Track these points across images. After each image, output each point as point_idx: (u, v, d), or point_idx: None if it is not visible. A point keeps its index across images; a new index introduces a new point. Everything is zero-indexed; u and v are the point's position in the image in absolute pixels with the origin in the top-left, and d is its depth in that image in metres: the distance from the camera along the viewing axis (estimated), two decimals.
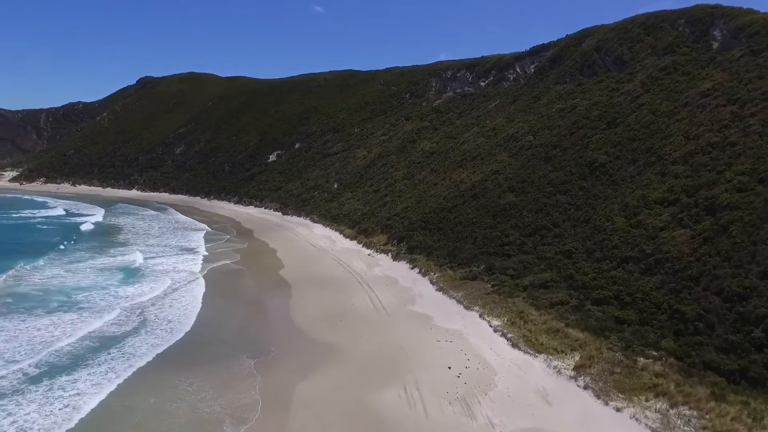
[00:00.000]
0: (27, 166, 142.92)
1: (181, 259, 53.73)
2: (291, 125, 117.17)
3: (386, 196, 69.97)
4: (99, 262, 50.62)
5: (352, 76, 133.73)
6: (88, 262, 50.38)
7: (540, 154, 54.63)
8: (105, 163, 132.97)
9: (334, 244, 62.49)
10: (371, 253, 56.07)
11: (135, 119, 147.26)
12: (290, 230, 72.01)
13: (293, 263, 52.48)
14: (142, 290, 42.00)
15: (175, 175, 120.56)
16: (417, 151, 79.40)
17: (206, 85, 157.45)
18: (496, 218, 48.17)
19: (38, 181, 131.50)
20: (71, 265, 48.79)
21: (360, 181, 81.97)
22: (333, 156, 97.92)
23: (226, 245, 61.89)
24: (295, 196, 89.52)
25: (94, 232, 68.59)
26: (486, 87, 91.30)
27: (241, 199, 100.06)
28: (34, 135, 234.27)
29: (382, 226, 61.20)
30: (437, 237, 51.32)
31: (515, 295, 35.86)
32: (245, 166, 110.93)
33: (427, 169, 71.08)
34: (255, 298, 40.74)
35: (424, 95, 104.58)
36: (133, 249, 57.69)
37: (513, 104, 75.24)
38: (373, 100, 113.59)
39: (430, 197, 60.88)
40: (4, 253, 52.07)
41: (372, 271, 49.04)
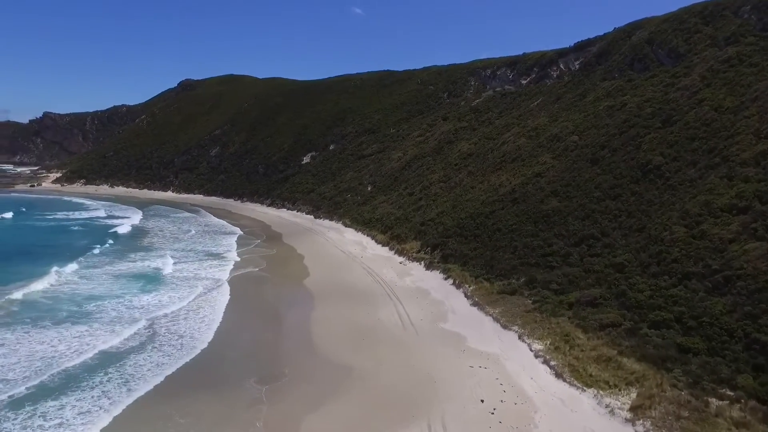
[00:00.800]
0: (69, 168, 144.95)
1: (205, 265, 51.54)
2: (326, 126, 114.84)
3: (421, 200, 66.50)
4: (118, 268, 48.80)
5: (389, 76, 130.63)
6: (106, 268, 48.67)
7: (586, 155, 50.26)
8: (142, 164, 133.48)
9: (365, 250, 59.36)
10: (403, 261, 52.70)
11: (172, 121, 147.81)
12: (320, 234, 69.27)
13: (320, 271, 49.57)
14: (159, 300, 39.78)
15: (210, 177, 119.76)
16: (454, 153, 75.65)
17: (243, 86, 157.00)
18: (538, 225, 44.12)
19: (78, 183, 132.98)
20: (87, 271, 47.17)
21: (394, 183, 78.71)
22: (367, 158, 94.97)
23: (253, 251, 59.52)
24: (328, 198, 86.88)
25: (122, 235, 67.24)
26: (527, 85, 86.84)
27: (274, 202, 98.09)
28: (81, 138, 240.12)
29: (415, 231, 57.77)
30: (473, 245, 47.58)
31: (559, 314, 31.91)
32: (279, 167, 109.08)
33: (464, 171, 67.29)
34: (275, 311, 37.89)
35: (463, 94, 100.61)
36: (158, 254, 55.87)
37: (556, 102, 70.72)
38: (409, 100, 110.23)
39: (467, 201, 57.13)
40: (26, 258, 50.96)
41: (403, 281, 45.66)
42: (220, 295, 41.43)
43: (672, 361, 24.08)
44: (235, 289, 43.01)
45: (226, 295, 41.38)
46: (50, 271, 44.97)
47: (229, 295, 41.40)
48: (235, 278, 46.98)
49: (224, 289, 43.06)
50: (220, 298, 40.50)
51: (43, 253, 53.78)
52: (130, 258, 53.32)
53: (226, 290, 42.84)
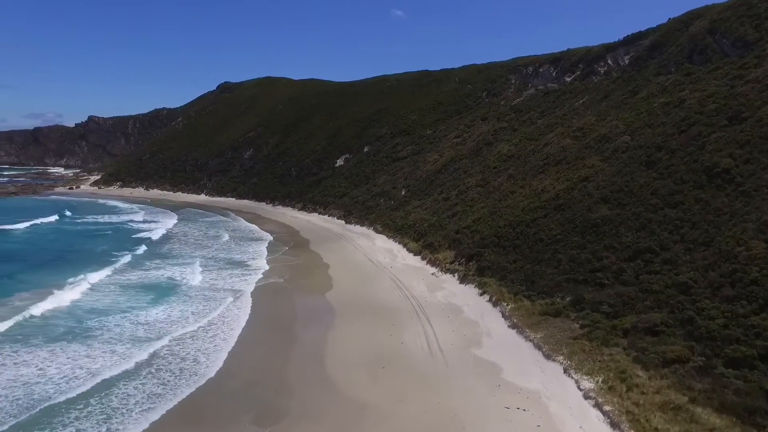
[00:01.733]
0: (106, 171, 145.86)
1: (226, 274, 48.60)
2: (360, 128, 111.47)
3: (456, 206, 62.14)
4: (127, 278, 46.09)
5: (426, 75, 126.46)
6: (115, 277, 45.97)
7: (640, 157, 45.07)
8: (177, 167, 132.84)
9: (395, 259, 55.43)
10: (435, 273, 48.53)
11: (208, 124, 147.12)
12: (350, 241, 65.64)
13: (344, 283, 45.88)
14: (169, 315, 36.76)
15: (243, 180, 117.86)
16: (493, 155, 70.97)
17: (277, 88, 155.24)
18: (586, 236, 39.32)
19: (115, 186, 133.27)
20: (110, 282, 44.55)
21: (429, 187, 74.50)
22: (402, 160, 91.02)
23: (278, 259, 56.31)
24: (360, 203, 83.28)
25: (153, 241, 65.02)
26: (572, 82, 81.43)
27: (305, 206, 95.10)
28: (123, 140, 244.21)
29: (449, 240, 53.50)
30: (513, 257, 43.04)
31: (612, 343, 27.26)
32: (312, 170, 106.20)
33: (504, 174, 62.60)
34: (291, 330, 34.28)
35: (502, 93, 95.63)
36: (185, 262, 53.22)
37: (604, 100, 65.33)
38: (446, 99, 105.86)
39: (506, 208, 52.53)
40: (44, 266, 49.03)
41: (433, 295, 41.52)
42: (240, 310, 38.19)
43: (762, 414, 19.30)
44: (256, 304, 39.65)
45: (246, 310, 38.09)
46: (71, 282, 42.78)
47: (249, 310, 38.11)
48: (257, 290, 43.73)
49: (245, 303, 39.85)
50: (240, 315, 37.15)
51: (73, 260, 52.02)
52: (154, 266, 50.65)
53: (247, 304, 39.59)
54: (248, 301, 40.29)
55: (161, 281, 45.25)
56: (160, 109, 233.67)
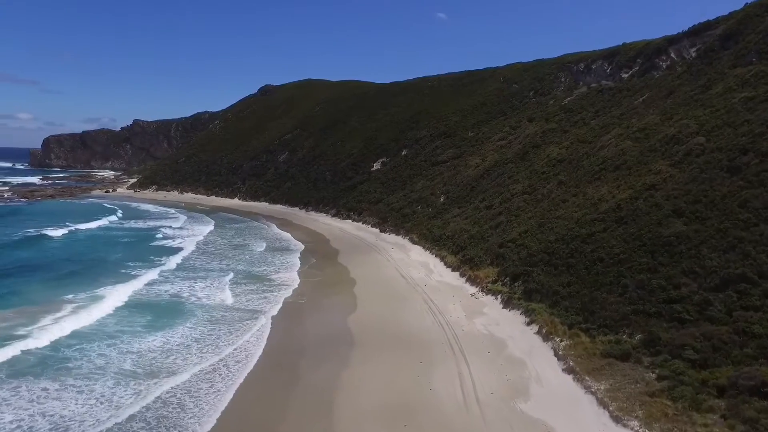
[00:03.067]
0: (143, 174, 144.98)
1: (253, 292, 43.77)
2: (399, 130, 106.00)
3: (500, 215, 55.87)
4: (147, 296, 41.71)
5: (468, 75, 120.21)
6: (135, 296, 41.50)
7: (720, 161, 38.00)
8: (212, 170, 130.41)
9: (431, 275, 49.65)
10: (475, 294, 42.50)
11: (244, 126, 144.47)
12: (382, 253, 60.16)
13: (370, 304, 40.40)
14: (165, 341, 32.00)
15: (277, 184, 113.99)
16: (541, 159, 64.28)
17: (315, 89, 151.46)
18: (657, 257, 32.65)
19: (150, 189, 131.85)
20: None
21: (470, 194, 68.35)
22: (442, 164, 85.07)
23: (304, 273, 51.36)
24: (396, 210, 77.73)
25: (175, 251, 61.23)
26: (629, 79, 73.88)
27: (339, 212, 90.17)
28: (165, 144, 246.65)
29: (492, 255, 47.35)
30: (566, 278, 36.65)
31: (706, 406, 20.81)
32: (347, 174, 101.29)
33: (554, 181, 55.96)
34: (297, 368, 28.90)
35: (551, 92, 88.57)
36: (211, 278, 48.65)
37: (669, 97, 57.93)
38: (490, 100, 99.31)
39: (557, 219, 46.03)
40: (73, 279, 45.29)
41: (472, 323, 35.58)
42: (257, 339, 33.14)
43: None
44: (274, 333, 34.49)
45: (262, 341, 32.84)
46: (78, 301, 38.67)
47: (265, 342, 32.89)
48: (279, 313, 38.71)
49: (263, 330, 34.74)
50: (254, 348, 31.86)
51: (89, 273, 48.27)
52: (178, 284, 45.94)
53: (265, 331, 34.53)
54: (267, 328, 35.14)
55: (182, 303, 40.37)
56: (202, 113, 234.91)
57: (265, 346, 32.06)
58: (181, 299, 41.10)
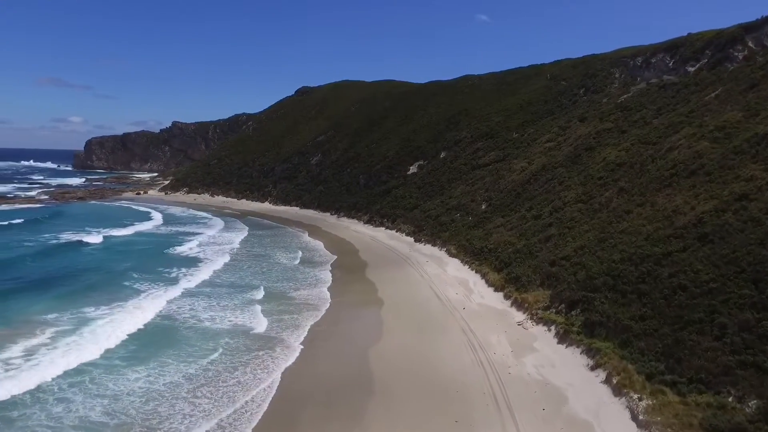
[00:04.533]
0: (175, 177, 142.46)
1: (247, 316, 38.12)
2: (437, 131, 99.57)
3: (550, 227, 48.95)
4: (172, 324, 36.58)
5: (512, 73, 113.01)
6: (156, 321, 36.43)
7: None
8: (243, 173, 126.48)
9: (470, 295, 43.18)
10: (523, 322, 35.85)
11: (277, 128, 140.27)
12: (415, 267, 53.92)
13: (397, 333, 34.26)
14: (148, 383, 26.63)
15: (308, 188, 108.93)
16: (597, 162, 56.93)
17: (350, 90, 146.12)
18: (763, 287, 25.50)
19: (181, 191, 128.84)
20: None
21: (515, 201, 61.46)
22: (483, 168, 78.26)
23: (323, 290, 45.64)
24: (433, 218, 71.33)
25: (187, 258, 56.51)
26: (697, 72, 65.74)
27: (372, 218, 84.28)
28: (203, 146, 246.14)
29: (542, 275, 40.57)
30: (638, 310, 29.71)
31: None
32: (381, 178, 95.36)
33: (613, 188, 48.69)
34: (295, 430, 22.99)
35: (604, 90, 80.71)
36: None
37: (751, 91, 50.01)
38: (536, 99, 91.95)
39: (621, 234, 38.93)
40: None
41: (521, 363, 29.05)
42: (270, 384, 27.58)
43: None
44: (289, 374, 28.97)
45: (274, 387, 27.25)
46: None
47: (276, 388, 27.40)
48: (303, 347, 33.08)
49: (276, 375, 29.19)
50: (265, 396, 26.33)
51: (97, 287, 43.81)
52: (201, 312, 41.03)
53: (278, 371, 28.97)
54: (278, 372, 29.55)
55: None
56: (239, 115, 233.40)
57: (276, 394, 26.27)
58: (202, 323, 35.78)
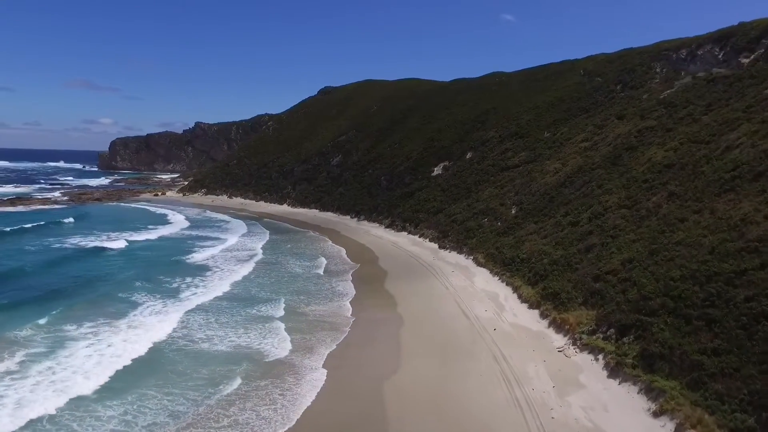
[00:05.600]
0: (193, 178, 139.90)
1: (261, 336, 33.98)
2: (463, 130, 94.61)
3: (591, 234, 43.80)
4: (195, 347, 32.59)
5: (542, 70, 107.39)
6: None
7: None
8: (262, 174, 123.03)
9: (501, 313, 38.39)
10: (564, 348, 30.94)
11: (297, 128, 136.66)
12: (440, 277, 49.27)
13: (417, 360, 29.69)
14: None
15: (328, 190, 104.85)
16: (641, 163, 51.50)
17: (373, 89, 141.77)
18: None
19: (199, 193, 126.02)
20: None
21: (549, 206, 56.34)
22: (513, 169, 73.14)
23: (343, 305, 41.30)
24: (458, 223, 66.51)
25: (186, 268, 52.80)
26: (752, 64, 59.67)
27: (394, 222, 79.74)
28: (225, 146, 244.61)
29: (585, 291, 35.58)
30: (709, 340, 24.65)
31: None
32: (404, 180, 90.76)
33: (663, 192, 43.34)
34: None
35: (644, 85, 74.83)
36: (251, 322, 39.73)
37: None
38: (568, 96, 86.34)
39: (677, 246, 33.75)
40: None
41: (566, 403, 24.24)
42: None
43: None
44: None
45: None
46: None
47: None
48: (326, 382, 28.84)
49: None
50: None
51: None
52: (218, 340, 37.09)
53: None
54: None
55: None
56: (262, 115, 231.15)
57: None
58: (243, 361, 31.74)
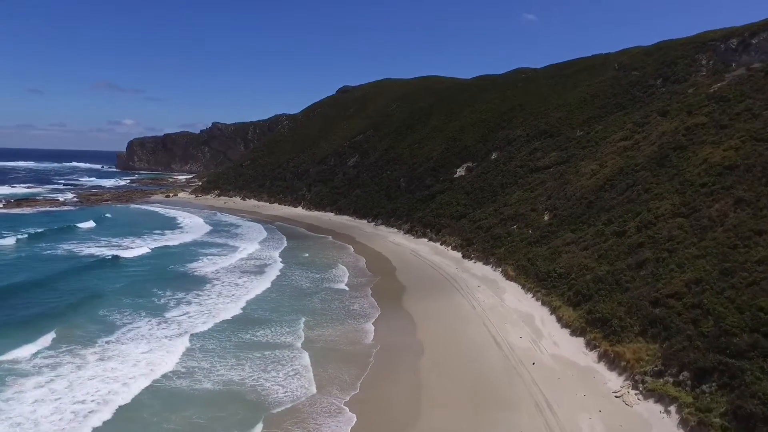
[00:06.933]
0: (206, 179, 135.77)
1: (276, 375, 28.79)
2: (487, 129, 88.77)
3: (642, 247, 37.78)
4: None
5: (571, 64, 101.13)
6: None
7: None
8: (276, 175, 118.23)
9: (540, 340, 32.68)
10: (622, 392, 25.14)
11: (313, 127, 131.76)
12: (465, 293, 43.62)
13: (441, 412, 24.21)
14: None
15: (345, 192, 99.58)
16: (694, 165, 45.28)
17: (391, 87, 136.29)
18: None
19: (212, 194, 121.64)
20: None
21: (587, 212, 50.37)
22: (543, 171, 67.20)
23: (365, 327, 35.95)
24: (484, 230, 60.72)
25: (187, 281, 47.95)
26: None
27: (413, 228, 74.12)
28: (242, 147, 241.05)
29: (642, 319, 29.70)
30: None
31: None
32: (425, 182, 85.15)
33: (727, 198, 37.25)
34: None
35: (689, 79, 68.47)
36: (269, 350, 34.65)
37: None
38: (602, 91, 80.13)
39: (758, 266, 27.74)
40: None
41: None
42: None
43: None
44: None
45: None
46: None
47: None
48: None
49: None
50: None
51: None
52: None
53: None
54: None
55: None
56: (279, 115, 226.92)
57: None
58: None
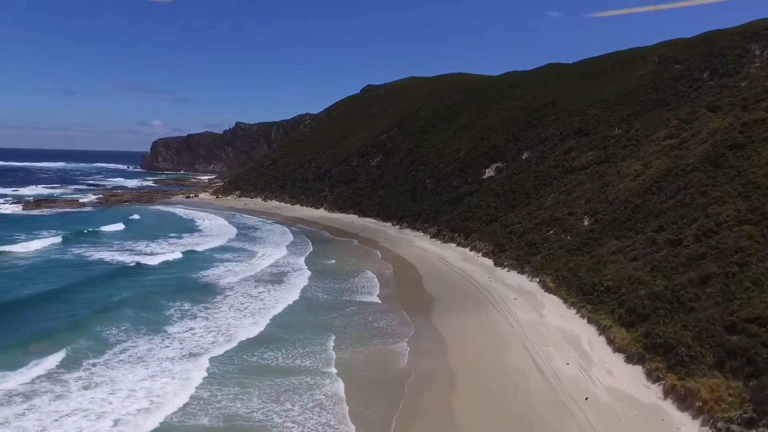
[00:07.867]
0: (227, 179, 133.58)
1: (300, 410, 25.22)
2: (518, 127, 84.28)
3: (704, 259, 33.26)
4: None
5: (607, 59, 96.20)
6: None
7: None
8: (298, 176, 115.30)
9: (590, 368, 28.45)
10: None
11: (336, 127, 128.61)
12: (499, 307, 39.52)
13: None
14: None
15: (368, 193, 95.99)
16: (758, 165, 40.46)
17: (416, 85, 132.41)
18: None
19: (233, 195, 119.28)
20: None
21: (633, 217, 45.81)
22: (580, 172, 62.59)
23: (398, 347, 32.21)
24: (518, 235, 56.47)
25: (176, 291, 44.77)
26: None
27: (440, 232, 70.08)
28: (265, 147, 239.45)
29: (716, 347, 25.33)
30: None
31: None
32: (452, 183, 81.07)
33: None
34: None
35: (740, 71, 63.34)
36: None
37: None
38: (641, 86, 75.10)
39: None
40: None
41: None
42: None
43: None
44: None
45: None
46: None
47: None
48: None
49: None
50: None
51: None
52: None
53: None
54: None
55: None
56: (303, 115, 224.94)
57: None
58: None
